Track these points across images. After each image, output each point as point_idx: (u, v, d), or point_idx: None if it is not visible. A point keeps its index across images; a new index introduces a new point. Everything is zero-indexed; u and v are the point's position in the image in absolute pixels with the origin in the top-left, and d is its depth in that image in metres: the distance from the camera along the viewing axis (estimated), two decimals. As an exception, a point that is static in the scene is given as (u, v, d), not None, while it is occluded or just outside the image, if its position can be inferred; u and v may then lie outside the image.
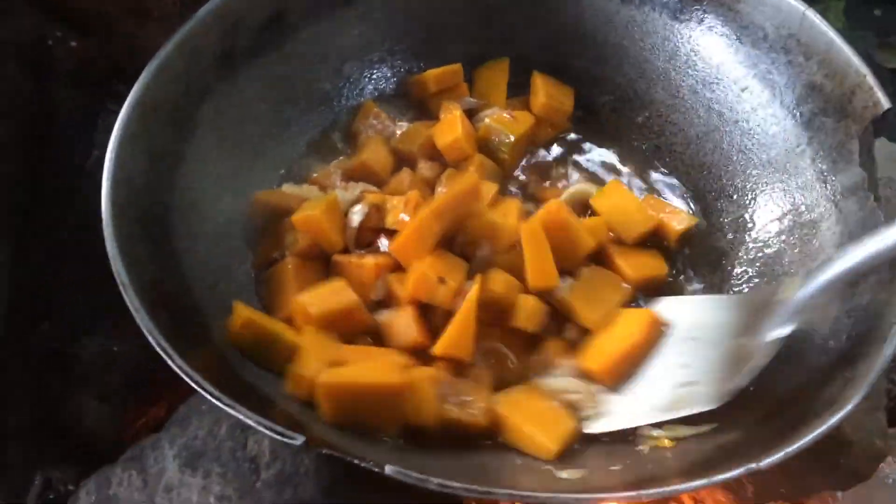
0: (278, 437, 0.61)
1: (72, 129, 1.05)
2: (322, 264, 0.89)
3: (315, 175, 0.98)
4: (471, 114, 1.03)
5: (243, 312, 0.79)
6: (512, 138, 0.99)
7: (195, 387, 0.64)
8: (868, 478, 0.84)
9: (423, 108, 1.06)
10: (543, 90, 1.05)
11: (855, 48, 0.89)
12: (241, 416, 0.62)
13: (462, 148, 0.96)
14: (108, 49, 1.08)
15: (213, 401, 0.63)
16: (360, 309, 0.82)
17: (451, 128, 0.97)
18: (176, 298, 0.78)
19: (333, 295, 0.82)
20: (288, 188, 0.95)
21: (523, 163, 1.03)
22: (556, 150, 1.05)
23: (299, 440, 0.61)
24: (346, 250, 0.89)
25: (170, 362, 0.65)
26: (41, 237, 0.98)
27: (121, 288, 0.70)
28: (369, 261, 0.85)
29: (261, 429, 0.62)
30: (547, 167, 1.04)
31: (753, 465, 0.62)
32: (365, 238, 0.90)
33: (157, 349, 0.66)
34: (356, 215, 0.90)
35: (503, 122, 1.01)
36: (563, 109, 1.06)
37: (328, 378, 0.72)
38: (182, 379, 0.65)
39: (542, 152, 1.05)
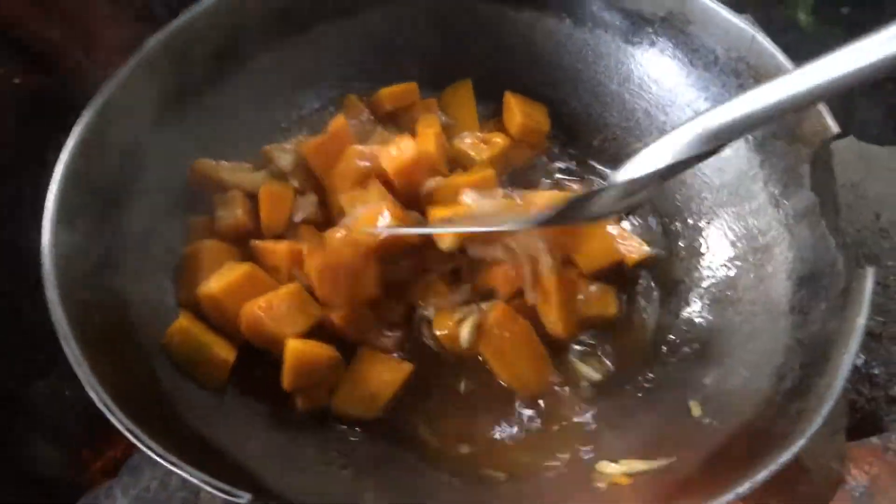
0: (222, 496, 0.60)
1: (20, 165, 1.03)
2: (241, 247, 0.90)
3: (266, 147, 0.97)
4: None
5: (181, 318, 0.81)
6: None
7: (139, 444, 0.62)
8: (828, 501, 0.84)
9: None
10: (519, 110, 1.04)
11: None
12: (184, 475, 0.61)
13: (433, 164, 0.95)
14: (57, 83, 1.06)
15: (158, 458, 0.62)
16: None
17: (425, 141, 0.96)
18: (121, 343, 0.76)
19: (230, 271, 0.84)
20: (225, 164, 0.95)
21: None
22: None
23: (244, 498, 0.60)
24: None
25: (112, 419, 0.64)
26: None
27: (61, 339, 0.69)
28: (282, 247, 0.87)
29: (206, 487, 0.60)
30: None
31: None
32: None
33: (100, 405, 0.65)
34: (302, 211, 0.92)
35: (475, 146, 1.00)
36: (539, 129, 1.05)
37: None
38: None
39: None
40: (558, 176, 1.04)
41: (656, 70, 1.00)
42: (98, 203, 0.82)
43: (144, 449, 0.62)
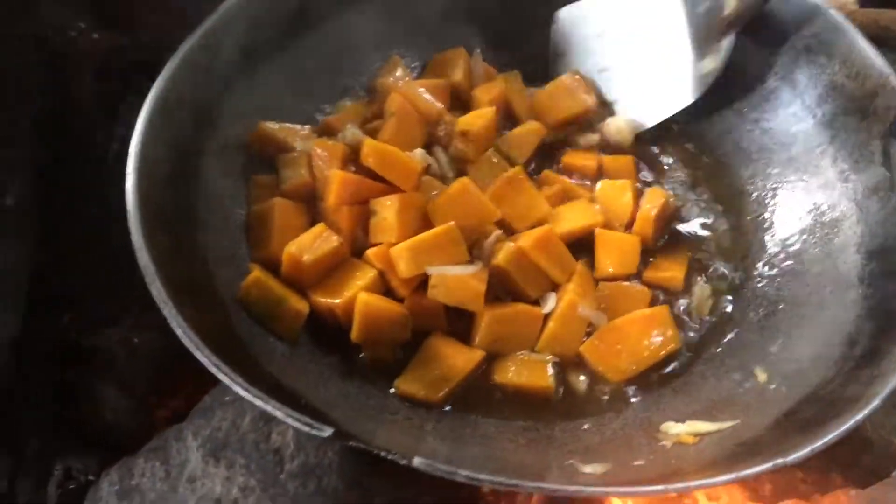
0: (306, 429, 0.61)
1: (92, 121, 1.05)
2: (308, 207, 0.91)
3: (327, 117, 0.99)
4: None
5: (255, 272, 0.82)
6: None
7: (225, 380, 0.64)
8: (887, 476, 0.84)
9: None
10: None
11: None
12: (269, 409, 0.62)
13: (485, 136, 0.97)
14: (131, 42, 1.08)
15: (243, 393, 0.63)
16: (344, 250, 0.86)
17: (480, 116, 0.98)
18: (200, 291, 0.78)
19: (319, 241, 0.85)
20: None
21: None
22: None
23: (327, 431, 0.61)
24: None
25: (199, 356, 0.66)
26: (61, 229, 0.98)
27: (147, 280, 0.71)
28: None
29: (289, 421, 0.62)
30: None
31: (780, 461, 0.62)
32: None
33: (186, 342, 0.66)
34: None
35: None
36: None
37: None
38: (204, 370, 0.66)
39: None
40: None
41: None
42: (175, 157, 0.84)
43: (230, 383, 0.64)
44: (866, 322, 0.77)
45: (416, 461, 0.61)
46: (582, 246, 0.91)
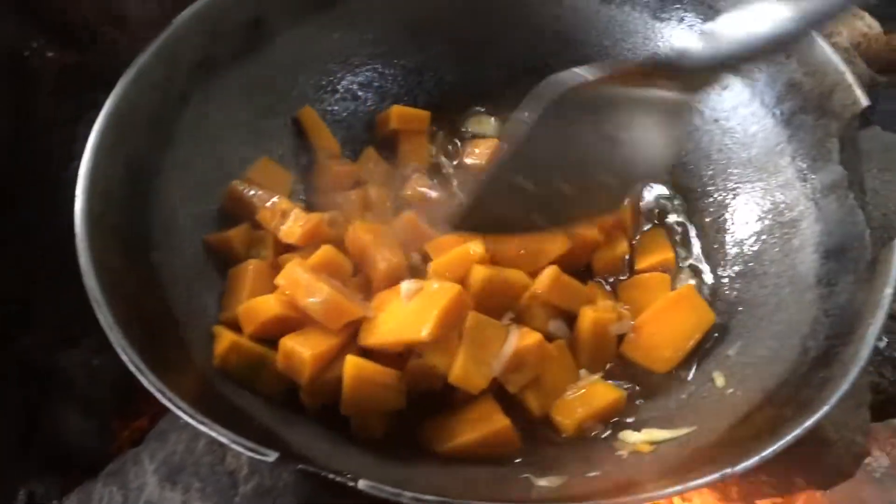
0: (250, 454, 0.61)
1: (50, 139, 1.04)
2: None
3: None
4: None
5: (226, 336, 0.78)
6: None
7: (167, 404, 0.63)
8: (851, 475, 0.84)
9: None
10: None
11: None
12: (213, 434, 0.62)
13: None
14: (89, 58, 1.07)
15: (186, 418, 0.63)
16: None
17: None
18: (152, 313, 0.77)
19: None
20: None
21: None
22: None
23: (272, 456, 0.61)
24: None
25: (142, 379, 0.65)
26: (20, 248, 0.97)
27: (93, 304, 0.70)
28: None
29: (233, 446, 0.61)
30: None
31: (728, 471, 0.62)
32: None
33: (130, 366, 0.66)
34: None
35: None
36: None
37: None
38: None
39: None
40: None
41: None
42: (129, 175, 0.83)
43: (171, 406, 0.63)
44: (821, 323, 0.76)
45: (362, 484, 0.60)
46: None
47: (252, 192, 0.92)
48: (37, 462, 0.92)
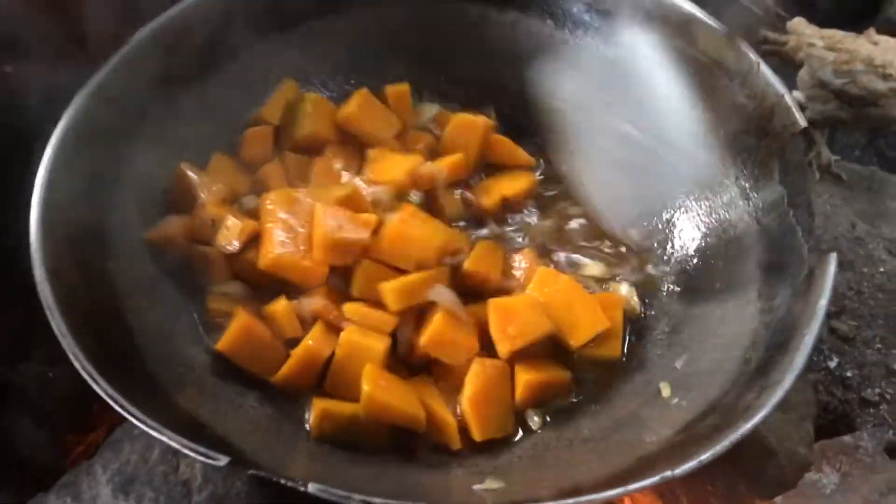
0: (202, 459, 0.61)
1: (5, 157, 1.04)
2: None
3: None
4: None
5: (318, 405, 0.79)
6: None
7: (119, 410, 0.64)
8: (793, 486, 0.86)
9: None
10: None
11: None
12: (164, 439, 0.62)
13: None
14: (46, 74, 1.08)
15: (138, 423, 0.63)
16: None
17: None
18: (106, 322, 0.78)
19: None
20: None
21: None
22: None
23: (222, 461, 0.61)
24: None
25: (94, 385, 0.65)
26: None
27: (46, 312, 0.70)
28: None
29: (184, 450, 0.62)
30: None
31: (668, 474, 0.64)
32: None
33: (82, 373, 0.66)
34: None
35: None
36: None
37: None
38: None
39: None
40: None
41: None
42: (86, 188, 0.84)
43: (122, 412, 0.63)
44: (762, 335, 0.79)
45: (311, 487, 0.61)
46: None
47: (196, 177, 0.93)
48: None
